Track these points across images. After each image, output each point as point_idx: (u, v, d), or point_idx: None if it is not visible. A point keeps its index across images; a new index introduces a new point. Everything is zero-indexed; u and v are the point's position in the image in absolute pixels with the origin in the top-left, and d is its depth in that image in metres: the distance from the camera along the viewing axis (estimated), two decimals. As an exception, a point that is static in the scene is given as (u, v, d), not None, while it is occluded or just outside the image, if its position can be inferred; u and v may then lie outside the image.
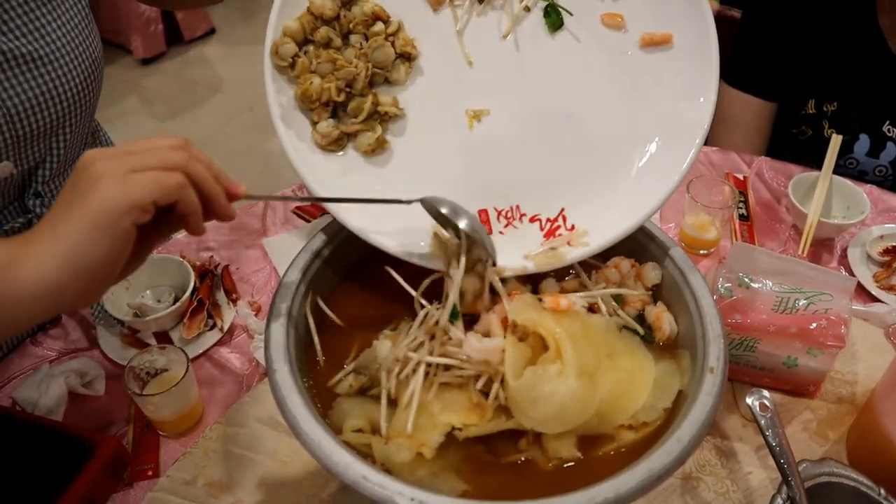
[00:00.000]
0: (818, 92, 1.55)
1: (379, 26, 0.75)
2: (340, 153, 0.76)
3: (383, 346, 0.69)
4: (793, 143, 1.64)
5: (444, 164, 0.77)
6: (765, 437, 0.81)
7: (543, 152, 0.77)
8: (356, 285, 0.79)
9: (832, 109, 1.54)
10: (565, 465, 0.65)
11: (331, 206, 0.74)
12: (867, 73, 1.49)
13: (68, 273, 0.54)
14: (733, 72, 1.64)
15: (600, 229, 0.74)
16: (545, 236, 0.76)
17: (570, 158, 0.77)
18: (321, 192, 0.73)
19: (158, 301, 1.13)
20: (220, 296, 1.16)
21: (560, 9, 0.76)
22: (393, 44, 0.75)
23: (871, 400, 0.91)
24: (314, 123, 0.75)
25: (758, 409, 0.82)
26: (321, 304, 0.75)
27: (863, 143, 1.54)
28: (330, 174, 0.75)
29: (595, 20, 0.76)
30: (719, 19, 1.87)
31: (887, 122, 1.50)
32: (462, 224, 0.67)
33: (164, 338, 1.10)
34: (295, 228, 1.32)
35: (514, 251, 0.74)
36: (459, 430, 0.64)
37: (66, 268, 0.54)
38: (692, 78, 0.74)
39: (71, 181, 0.57)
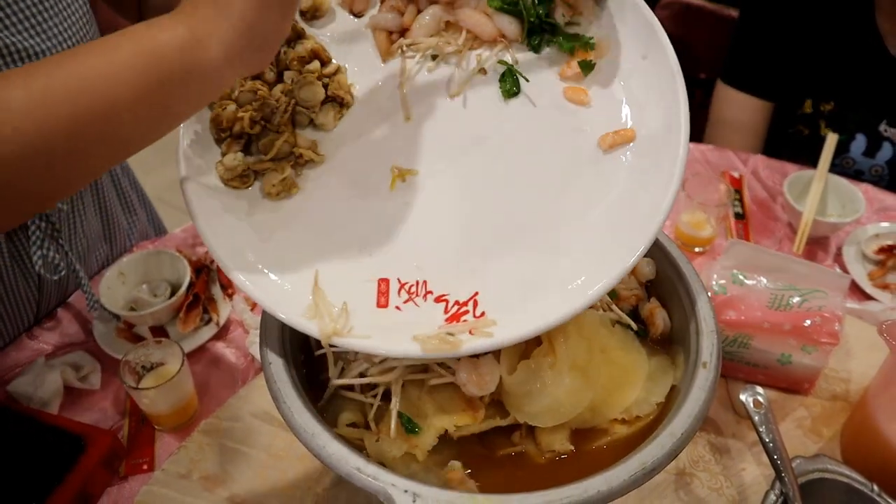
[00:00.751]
0: (815, 92, 1.56)
1: (314, 65, 0.69)
2: (243, 191, 0.68)
3: None
4: (789, 143, 1.64)
5: (356, 220, 0.68)
6: (758, 433, 0.81)
7: (470, 227, 0.67)
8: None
9: (829, 109, 1.55)
10: (558, 458, 0.65)
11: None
12: (864, 73, 1.49)
13: (247, 44, 0.56)
14: (730, 71, 1.64)
15: (510, 323, 0.61)
16: (447, 320, 0.63)
17: (498, 239, 0.66)
18: (207, 232, 0.64)
19: (154, 295, 1.13)
20: (216, 290, 1.16)
21: (518, 75, 0.69)
22: (326, 86, 0.69)
23: (866, 397, 0.92)
24: (223, 155, 0.68)
25: (752, 405, 0.83)
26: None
27: (859, 142, 1.54)
28: (227, 212, 0.67)
29: (557, 93, 0.68)
30: (717, 18, 1.88)
31: (884, 122, 1.51)
32: None
33: (159, 332, 1.11)
34: (291, 224, 1.32)
35: (404, 332, 0.61)
36: (450, 441, 0.64)
37: (245, 40, 0.56)
38: (654, 170, 0.63)
39: None
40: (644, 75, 0.66)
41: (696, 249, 1.26)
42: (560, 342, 0.64)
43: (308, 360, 0.72)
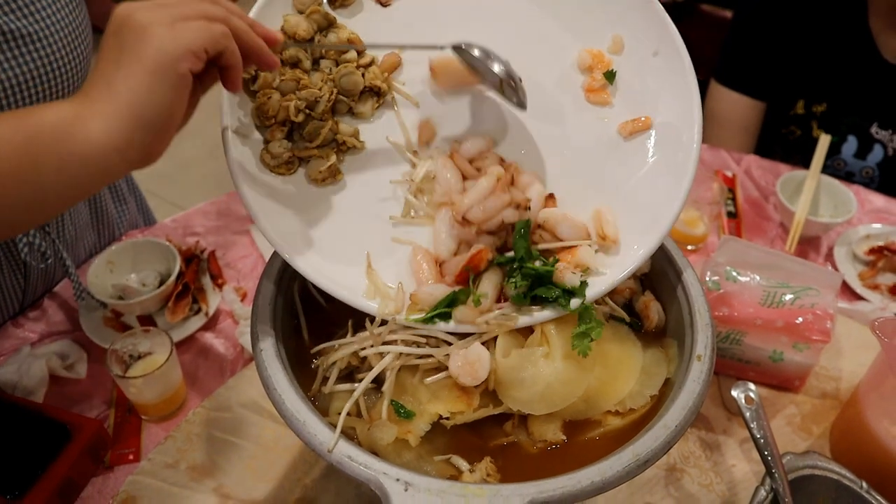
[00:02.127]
0: (808, 93, 1.56)
1: (351, 55, 0.71)
2: (289, 177, 0.71)
3: None
4: (782, 143, 1.65)
5: (395, 207, 0.72)
6: (749, 429, 0.81)
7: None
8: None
9: (821, 110, 1.55)
10: (551, 449, 0.65)
11: (277, 245, 0.67)
12: (857, 75, 1.50)
13: (133, 125, 0.54)
14: (723, 70, 1.64)
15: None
16: None
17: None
18: (262, 219, 0.66)
19: (143, 285, 1.12)
20: (206, 281, 1.15)
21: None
22: (363, 75, 0.71)
23: (856, 395, 0.92)
24: (266, 142, 0.70)
25: (743, 401, 0.83)
26: (309, 284, 0.74)
27: (850, 144, 1.55)
28: (275, 198, 0.69)
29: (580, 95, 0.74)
30: (714, 19, 1.89)
31: (875, 125, 1.52)
32: (496, 68, 0.66)
33: (148, 322, 1.09)
34: (283, 215, 1.31)
35: None
36: (447, 418, 0.64)
37: (131, 120, 0.53)
38: (671, 157, 0.70)
39: (112, 36, 0.56)
40: (657, 71, 0.72)
41: (689, 247, 1.26)
42: (553, 332, 0.64)
43: (299, 349, 0.71)
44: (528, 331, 0.66)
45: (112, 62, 0.55)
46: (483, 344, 0.64)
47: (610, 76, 0.73)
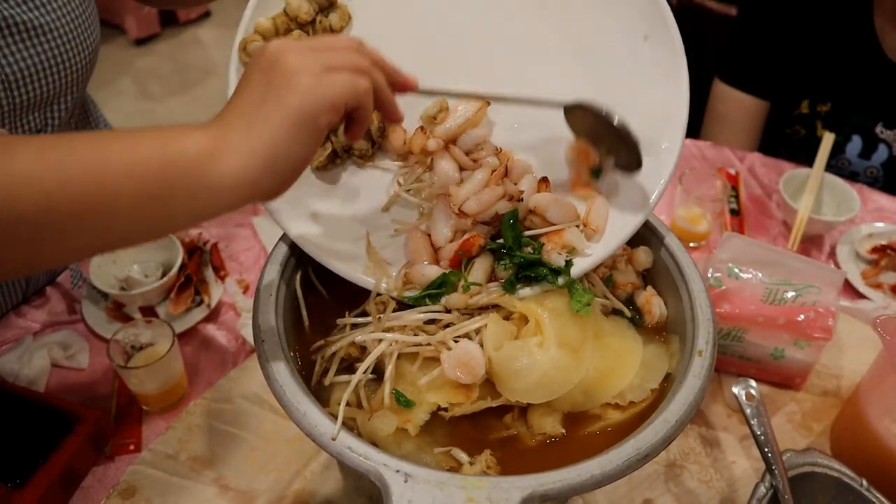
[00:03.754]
0: (812, 92, 1.56)
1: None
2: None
3: None
4: (786, 143, 1.64)
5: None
6: (750, 425, 0.81)
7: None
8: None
9: (826, 110, 1.55)
10: (551, 441, 0.65)
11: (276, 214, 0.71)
12: (861, 75, 1.50)
13: (267, 169, 0.54)
14: (727, 69, 1.64)
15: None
16: None
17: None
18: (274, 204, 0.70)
19: (146, 276, 1.12)
20: (209, 272, 1.15)
21: None
22: None
23: (857, 392, 0.92)
24: None
25: (744, 398, 0.83)
26: (311, 275, 0.74)
27: (855, 144, 1.54)
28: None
29: None
30: (716, 16, 1.88)
31: (880, 124, 1.51)
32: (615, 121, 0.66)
33: (150, 313, 1.09)
34: (285, 208, 1.31)
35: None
36: (445, 410, 0.64)
37: (266, 164, 0.53)
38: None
39: (260, 72, 0.55)
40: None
41: (692, 244, 1.26)
42: (546, 321, 0.64)
43: (301, 341, 0.71)
44: (520, 323, 0.67)
45: (256, 100, 0.55)
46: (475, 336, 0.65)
47: (596, 173, 0.73)
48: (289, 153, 0.54)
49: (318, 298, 0.75)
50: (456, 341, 0.65)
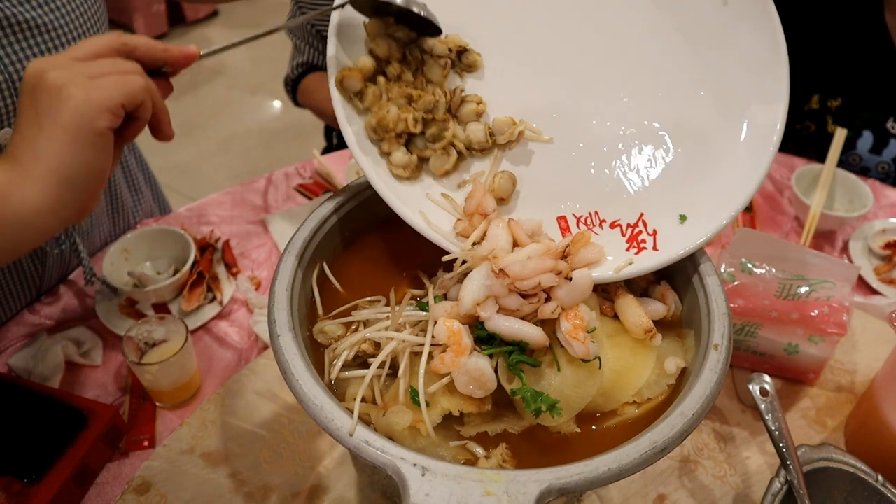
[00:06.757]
0: (822, 87, 1.55)
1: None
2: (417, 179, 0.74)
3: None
4: (796, 139, 1.63)
5: (520, 169, 0.75)
6: (764, 421, 0.81)
7: (620, 156, 0.75)
8: (359, 254, 0.79)
9: (836, 105, 1.54)
10: (569, 434, 0.64)
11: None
12: (872, 70, 1.49)
13: (63, 187, 0.55)
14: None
15: (675, 237, 0.72)
16: (627, 241, 0.73)
17: (647, 164, 0.75)
18: (408, 213, 0.70)
19: (158, 273, 1.12)
20: (221, 270, 1.15)
21: None
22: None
23: (873, 387, 0.91)
24: (385, 154, 0.72)
25: (758, 393, 0.82)
26: (326, 269, 0.74)
27: (866, 139, 1.54)
28: (412, 194, 0.73)
29: None
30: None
31: (891, 119, 1.50)
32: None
33: (162, 310, 1.10)
34: (297, 205, 1.31)
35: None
36: (458, 416, 0.63)
37: (61, 181, 0.55)
38: (765, 80, 0.75)
39: (28, 96, 0.56)
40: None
41: (703, 240, 1.25)
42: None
43: (315, 337, 0.71)
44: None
45: (33, 124, 0.56)
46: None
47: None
48: (81, 164, 0.55)
49: (332, 292, 0.75)
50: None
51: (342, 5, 0.70)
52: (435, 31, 0.70)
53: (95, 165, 0.56)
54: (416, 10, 0.68)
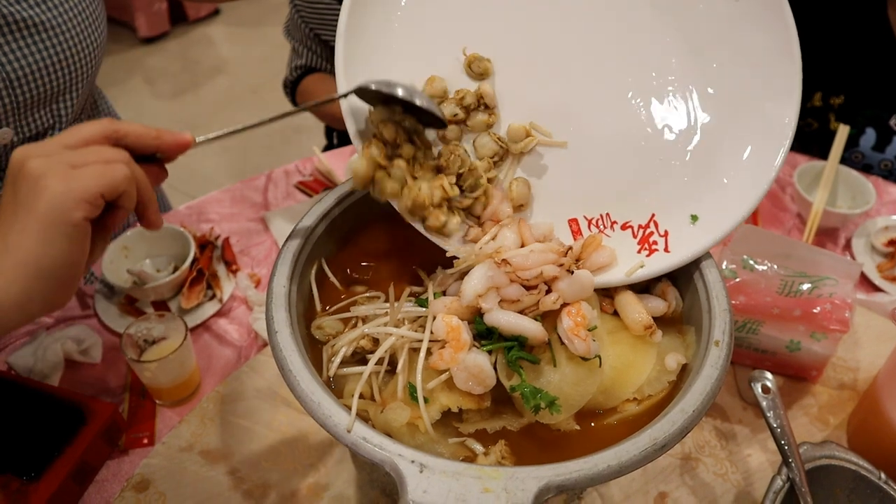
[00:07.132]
0: (825, 85, 1.54)
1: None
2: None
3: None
4: (798, 136, 1.62)
5: (531, 172, 0.74)
6: (766, 418, 0.80)
7: (629, 157, 0.74)
8: (358, 251, 0.78)
9: (839, 103, 1.54)
10: (568, 431, 0.64)
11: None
12: (875, 67, 1.48)
13: (32, 280, 0.53)
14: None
15: (686, 238, 0.71)
16: (639, 243, 0.72)
17: (657, 164, 0.74)
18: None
19: (158, 270, 1.12)
20: (220, 267, 1.15)
21: None
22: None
23: (875, 384, 0.91)
24: (438, 229, 0.70)
25: (760, 390, 0.82)
26: (324, 266, 0.74)
27: (868, 137, 1.53)
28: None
29: None
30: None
31: (894, 117, 1.50)
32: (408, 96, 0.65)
33: (162, 307, 1.10)
34: (296, 203, 1.31)
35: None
36: (458, 412, 0.63)
37: (29, 275, 0.53)
38: (775, 77, 0.74)
39: (9, 184, 0.55)
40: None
41: (704, 237, 1.24)
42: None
43: (313, 334, 0.71)
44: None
45: (9, 214, 0.54)
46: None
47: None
48: (52, 257, 0.53)
49: (331, 289, 0.74)
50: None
51: (344, 96, 0.68)
52: (440, 124, 0.69)
53: (69, 257, 0.54)
54: (419, 102, 0.66)
